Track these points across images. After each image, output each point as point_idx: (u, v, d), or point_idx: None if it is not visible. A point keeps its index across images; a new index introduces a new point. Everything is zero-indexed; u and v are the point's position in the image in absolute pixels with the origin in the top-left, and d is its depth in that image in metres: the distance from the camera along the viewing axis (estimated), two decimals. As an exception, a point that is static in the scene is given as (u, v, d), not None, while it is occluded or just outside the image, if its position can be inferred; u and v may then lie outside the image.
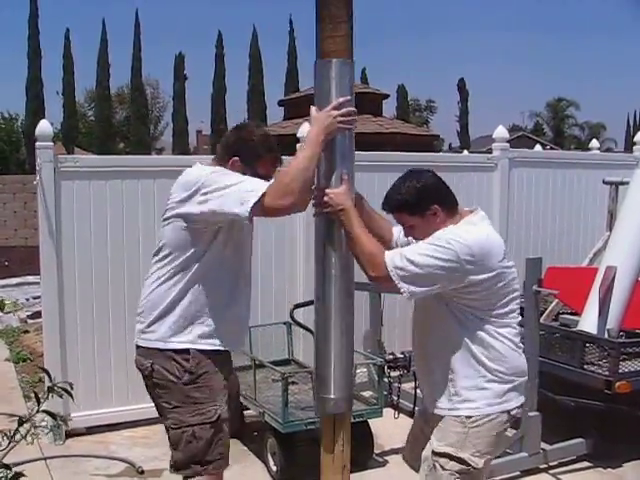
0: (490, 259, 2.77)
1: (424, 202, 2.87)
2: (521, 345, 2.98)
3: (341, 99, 2.74)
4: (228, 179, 2.82)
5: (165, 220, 3.00)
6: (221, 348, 3.02)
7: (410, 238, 3.06)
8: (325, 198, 2.77)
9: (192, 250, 2.92)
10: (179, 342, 2.96)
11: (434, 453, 2.88)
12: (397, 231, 3.19)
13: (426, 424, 3.11)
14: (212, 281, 2.96)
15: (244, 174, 2.91)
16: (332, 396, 2.84)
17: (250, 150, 2.98)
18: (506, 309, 2.87)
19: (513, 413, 2.92)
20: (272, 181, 2.80)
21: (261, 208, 2.73)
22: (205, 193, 2.81)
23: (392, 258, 2.75)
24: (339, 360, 2.85)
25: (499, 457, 3.85)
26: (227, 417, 3.03)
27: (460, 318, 2.84)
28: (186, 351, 2.95)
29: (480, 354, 2.84)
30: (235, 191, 2.76)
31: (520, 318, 2.98)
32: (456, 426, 2.86)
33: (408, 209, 2.89)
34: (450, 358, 2.88)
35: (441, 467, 2.85)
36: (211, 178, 2.84)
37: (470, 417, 2.84)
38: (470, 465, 2.84)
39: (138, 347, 3.07)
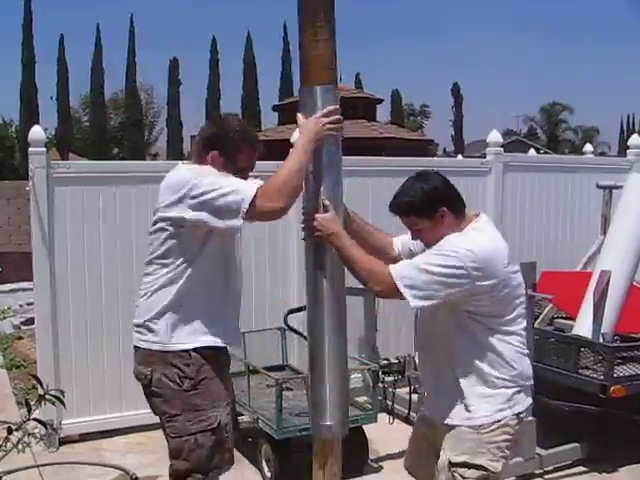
0: (496, 265, 2.77)
1: (433, 204, 2.84)
2: (526, 349, 2.98)
3: (330, 107, 2.76)
4: (218, 184, 2.78)
5: (154, 224, 2.97)
6: (220, 344, 2.99)
7: (414, 248, 3.05)
8: (314, 223, 2.77)
9: (183, 256, 2.90)
10: (179, 343, 2.93)
11: (451, 464, 2.86)
12: (399, 243, 3.17)
13: (429, 430, 3.09)
14: (205, 284, 2.94)
15: (224, 167, 2.91)
16: (328, 422, 2.86)
17: (228, 142, 2.95)
18: (513, 315, 2.86)
19: (522, 416, 2.92)
20: (261, 185, 2.78)
21: (252, 213, 2.74)
22: (195, 197, 2.78)
23: (398, 269, 2.74)
24: (333, 387, 2.85)
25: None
26: (227, 422, 3.00)
27: (468, 326, 2.83)
28: (186, 354, 2.92)
29: (489, 362, 2.84)
30: (226, 198, 2.74)
31: (525, 324, 2.97)
32: (469, 434, 2.85)
33: (416, 211, 2.86)
34: (459, 367, 2.87)
35: (461, 476, 2.85)
36: (200, 182, 2.79)
37: (482, 425, 2.84)
38: (489, 470, 2.84)
39: (137, 349, 3.03)
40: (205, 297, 2.96)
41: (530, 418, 4.56)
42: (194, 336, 2.94)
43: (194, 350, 2.93)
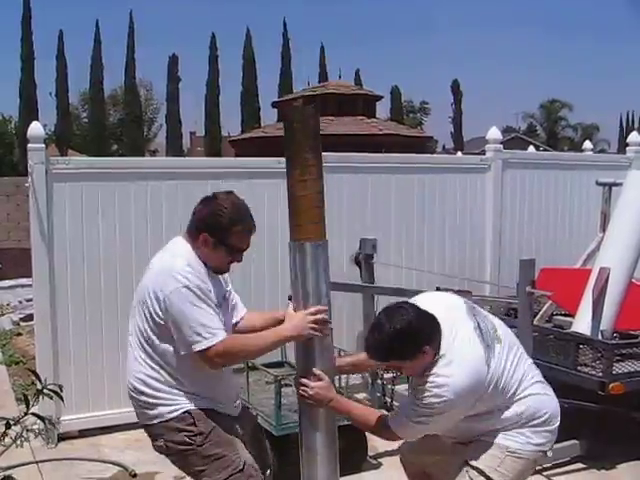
0: (477, 388, 2.76)
1: (413, 347, 2.75)
2: (545, 383, 3.01)
3: (319, 307, 2.83)
4: (191, 309, 2.83)
5: (139, 297, 2.99)
6: (216, 409, 3.04)
7: None
8: (310, 392, 2.86)
9: (166, 342, 2.93)
10: (177, 409, 2.97)
11: (468, 464, 2.91)
12: None
13: (428, 455, 3.18)
14: (193, 368, 2.95)
15: (215, 248, 2.93)
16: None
17: (218, 225, 2.93)
18: (516, 379, 2.87)
19: (549, 455, 2.99)
20: (222, 338, 2.84)
21: (202, 355, 2.84)
22: (169, 306, 2.84)
23: (396, 424, 2.87)
24: (324, 449, 2.94)
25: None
26: (251, 459, 3.03)
27: (480, 418, 2.86)
28: (187, 414, 2.96)
29: (515, 421, 2.87)
30: (189, 327, 2.82)
31: (533, 364, 3.00)
32: (494, 450, 2.89)
33: (398, 358, 2.81)
34: (486, 436, 2.92)
35: (470, 478, 2.90)
36: (179, 296, 2.83)
37: (509, 447, 2.87)
38: None
39: (144, 426, 3.11)
40: (195, 377, 2.98)
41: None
42: (191, 399, 2.98)
43: (193, 408, 2.98)
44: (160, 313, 2.87)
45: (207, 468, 2.96)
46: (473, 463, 2.89)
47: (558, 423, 2.99)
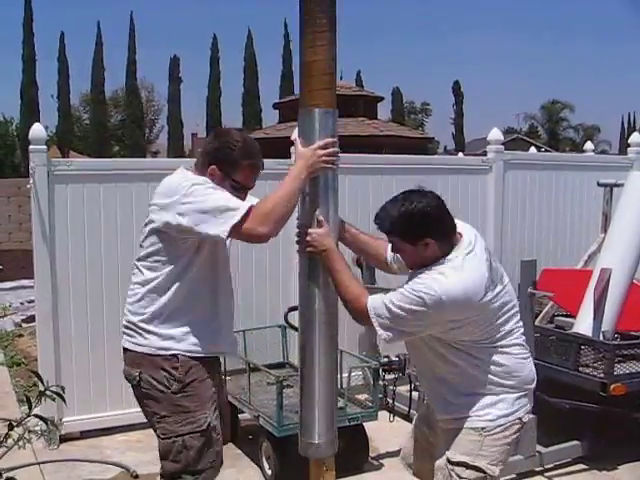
0: (468, 305, 2.71)
1: (417, 231, 2.74)
2: (528, 350, 2.98)
3: (328, 139, 2.79)
4: (210, 196, 2.79)
5: (146, 226, 2.97)
6: (207, 355, 3.01)
7: (396, 258, 3.06)
8: (308, 238, 2.81)
9: (173, 264, 2.91)
10: (167, 347, 2.94)
11: (449, 462, 2.87)
12: (389, 249, 3.15)
13: (430, 429, 3.13)
14: (194, 292, 2.95)
15: (222, 183, 2.90)
16: (316, 441, 2.89)
17: (228, 158, 2.93)
18: (506, 328, 2.84)
19: (524, 420, 2.93)
20: (252, 204, 2.80)
21: (238, 231, 2.76)
22: (185, 204, 2.78)
23: (373, 304, 2.78)
24: (323, 406, 2.89)
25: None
26: (217, 424, 3.01)
27: (463, 352, 2.82)
28: (174, 357, 2.94)
29: (491, 375, 2.84)
30: (215, 212, 2.75)
31: (522, 328, 2.96)
32: (471, 435, 2.85)
33: (399, 234, 2.81)
34: (459, 383, 2.87)
35: (457, 476, 2.86)
36: (193, 191, 2.79)
37: (484, 428, 2.84)
38: (487, 473, 2.85)
39: (125, 351, 3.05)
40: (195, 305, 2.96)
41: (530, 416, 4.58)
42: (183, 341, 2.95)
43: (182, 354, 2.95)
44: (178, 219, 2.79)
45: (171, 416, 2.93)
46: (454, 458, 2.85)
47: (532, 387, 2.96)
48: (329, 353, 2.89)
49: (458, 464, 2.85)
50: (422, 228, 2.73)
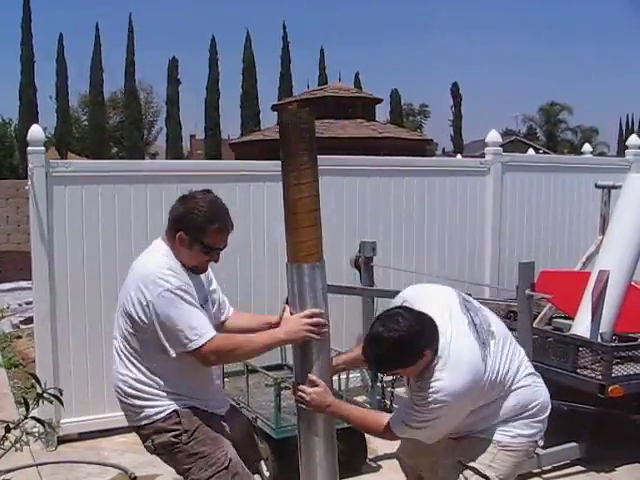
0: (477, 388, 2.75)
1: (414, 352, 2.71)
2: (538, 375, 3.02)
3: (314, 310, 2.81)
4: (177, 311, 2.84)
5: (122, 305, 3.00)
6: (201, 407, 3.06)
7: None
8: (307, 398, 2.86)
9: (150, 349, 2.94)
10: (162, 410, 2.99)
11: (461, 463, 2.91)
12: None
13: None
14: (176, 367, 2.96)
15: (191, 246, 2.94)
16: None
17: (193, 223, 2.93)
18: (513, 368, 2.88)
19: (540, 444, 3.04)
20: (213, 337, 2.85)
21: (196, 354, 2.86)
22: (154, 313, 2.84)
23: (396, 428, 2.84)
24: (324, 461, 2.93)
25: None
26: (238, 460, 3.03)
27: (475, 410, 2.85)
28: (174, 413, 2.98)
29: (508, 413, 2.87)
30: (179, 331, 2.83)
31: (525, 355, 3.00)
32: (486, 446, 2.89)
33: (400, 366, 2.78)
34: (477, 433, 2.91)
35: (465, 478, 2.90)
36: (164, 300, 2.83)
37: (501, 442, 2.88)
38: None
39: (133, 428, 3.12)
40: (179, 375, 2.99)
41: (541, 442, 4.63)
42: (176, 399, 3.00)
43: (180, 409, 2.99)
44: (144, 318, 2.87)
45: (193, 466, 2.97)
46: (466, 462, 2.89)
47: (548, 412, 3.00)
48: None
49: (469, 468, 2.89)
50: (417, 348, 2.71)
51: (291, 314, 2.88)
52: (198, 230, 2.93)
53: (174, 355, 2.87)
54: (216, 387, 3.30)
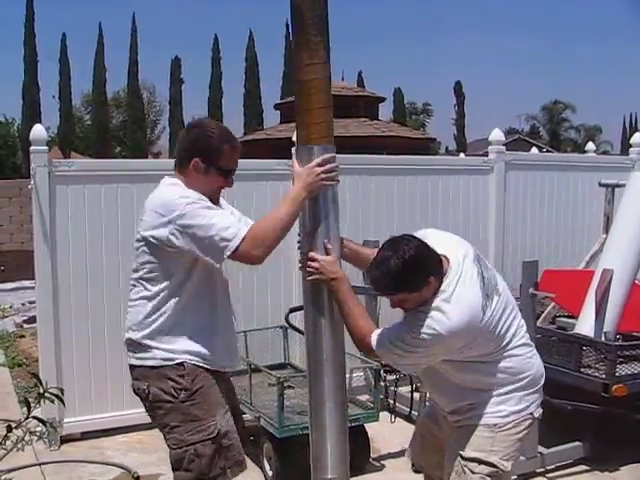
0: (470, 331, 2.73)
1: (420, 277, 2.71)
2: (533, 346, 3.00)
3: (325, 155, 2.75)
4: (205, 220, 2.77)
5: (139, 242, 2.95)
6: (211, 366, 3.00)
7: None
8: (315, 264, 2.77)
9: (170, 279, 2.90)
10: (172, 357, 2.94)
11: (462, 457, 2.89)
12: None
13: (436, 424, 3.15)
14: (193, 306, 2.94)
15: (207, 172, 2.89)
16: (329, 476, 2.87)
17: (209, 146, 2.90)
18: (510, 331, 2.86)
19: (536, 415, 2.96)
20: (248, 229, 2.78)
21: (234, 256, 2.77)
22: (183, 227, 2.77)
23: (377, 340, 2.81)
24: (334, 440, 2.85)
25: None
26: (229, 429, 2.99)
27: (471, 362, 2.84)
28: (180, 366, 2.93)
29: (500, 378, 2.86)
30: (214, 237, 2.75)
31: (524, 326, 2.98)
32: (483, 432, 2.87)
33: (407, 289, 2.74)
34: (469, 387, 2.89)
35: (470, 471, 2.88)
36: (188, 211, 2.77)
37: (497, 424, 2.86)
38: (499, 468, 2.87)
39: (132, 367, 3.06)
40: (194, 319, 2.95)
41: (541, 410, 4.61)
42: (187, 353, 2.95)
43: (188, 362, 2.94)
44: (173, 239, 2.79)
45: (181, 425, 2.92)
46: (467, 455, 2.87)
47: (542, 383, 2.99)
48: (338, 385, 2.86)
49: (472, 459, 2.87)
50: (423, 271, 2.71)
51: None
52: (214, 152, 2.89)
53: (218, 266, 2.83)
54: (232, 338, 3.19)
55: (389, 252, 2.72)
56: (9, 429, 1.88)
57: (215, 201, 2.98)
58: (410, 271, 2.68)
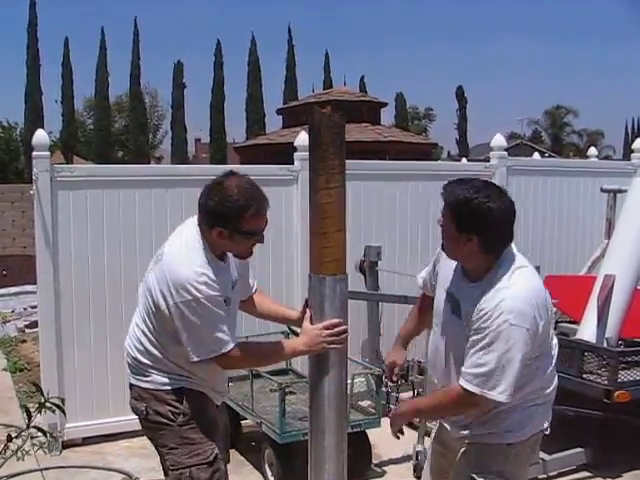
0: (541, 305, 2.77)
1: (467, 223, 2.61)
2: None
3: (334, 321, 2.74)
4: (204, 321, 2.77)
5: (146, 285, 2.94)
6: (208, 395, 3.05)
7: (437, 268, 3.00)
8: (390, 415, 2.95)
9: (167, 331, 2.89)
10: (170, 382, 2.96)
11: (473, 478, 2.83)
12: (423, 274, 3.15)
13: (443, 447, 3.06)
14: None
15: (232, 238, 2.83)
16: None
17: (228, 215, 2.81)
18: (549, 339, 2.89)
19: (545, 430, 2.93)
20: (235, 345, 2.83)
21: (215, 360, 2.85)
22: (181, 314, 2.77)
23: (467, 381, 2.61)
24: (334, 446, 2.85)
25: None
26: (221, 455, 3.03)
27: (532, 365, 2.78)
28: (178, 390, 2.96)
29: (525, 391, 2.78)
30: (201, 339, 2.80)
31: (555, 340, 2.98)
32: (496, 453, 2.79)
33: (455, 214, 2.63)
34: (481, 437, 2.81)
35: None
36: (194, 308, 2.75)
37: (509, 441, 2.79)
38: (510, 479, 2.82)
39: (131, 386, 3.10)
40: (193, 368, 2.94)
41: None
42: (187, 379, 2.98)
43: (186, 386, 2.97)
44: (167, 314, 2.80)
45: (178, 448, 2.94)
46: (480, 476, 2.79)
47: (554, 395, 2.98)
48: (339, 393, 2.83)
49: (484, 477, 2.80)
50: (473, 220, 2.61)
51: (311, 321, 2.79)
52: (235, 220, 2.81)
53: (196, 360, 2.83)
54: (224, 379, 3.25)
55: (482, 185, 2.66)
56: (9, 438, 1.88)
57: (246, 256, 3.02)
58: (470, 208, 2.59)
